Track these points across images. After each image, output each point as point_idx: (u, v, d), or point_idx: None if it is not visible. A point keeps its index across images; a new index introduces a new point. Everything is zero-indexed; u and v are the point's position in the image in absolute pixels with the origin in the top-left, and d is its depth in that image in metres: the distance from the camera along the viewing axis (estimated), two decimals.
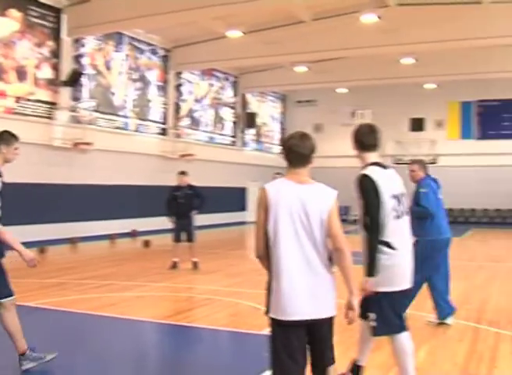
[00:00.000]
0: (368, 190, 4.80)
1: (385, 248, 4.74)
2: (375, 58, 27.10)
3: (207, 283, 11.39)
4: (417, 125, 32.73)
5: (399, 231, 4.78)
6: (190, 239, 13.44)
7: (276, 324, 3.93)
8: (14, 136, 5.71)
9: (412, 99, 34.19)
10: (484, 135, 34.34)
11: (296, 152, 3.99)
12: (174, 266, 13.20)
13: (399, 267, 4.84)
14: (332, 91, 34.72)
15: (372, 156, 4.99)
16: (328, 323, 3.92)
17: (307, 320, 3.84)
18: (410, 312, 7.77)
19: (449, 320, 7.79)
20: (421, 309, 8.78)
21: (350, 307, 3.94)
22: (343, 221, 6.78)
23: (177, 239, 13.43)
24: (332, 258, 3.91)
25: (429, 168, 8.25)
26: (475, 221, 32.21)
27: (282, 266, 3.84)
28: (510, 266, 14.69)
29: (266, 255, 3.95)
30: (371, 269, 4.73)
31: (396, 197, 4.85)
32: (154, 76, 25.51)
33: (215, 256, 15.90)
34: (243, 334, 7.39)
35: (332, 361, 4.00)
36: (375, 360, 5.82)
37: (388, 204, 4.76)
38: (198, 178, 20.98)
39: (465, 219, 33.44)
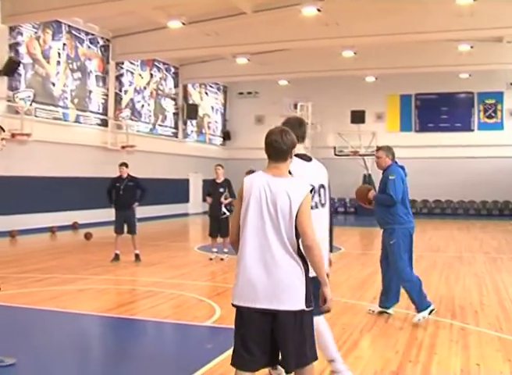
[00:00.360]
0: None
1: None
2: (316, 50, 27.33)
3: (149, 276, 11.35)
4: (358, 117, 33.08)
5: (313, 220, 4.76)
6: (131, 231, 13.34)
7: (236, 310, 4.00)
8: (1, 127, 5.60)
9: (353, 92, 34.59)
10: (423, 128, 35.06)
11: (276, 148, 4.07)
12: (116, 258, 13.09)
13: None
14: (274, 83, 34.84)
15: (298, 148, 4.99)
16: (292, 317, 3.89)
17: (263, 309, 3.87)
18: (351, 302, 7.89)
19: (391, 310, 7.91)
20: (362, 299, 8.96)
21: (324, 297, 4.01)
22: None
23: (119, 231, 13.31)
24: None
25: (369, 159, 8.40)
26: (415, 212, 32.22)
27: (243, 253, 3.96)
28: (449, 255, 15.04)
29: (238, 241, 4.06)
30: None
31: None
32: (94, 66, 25.08)
33: (157, 248, 15.83)
34: (186, 326, 7.40)
35: (301, 361, 3.96)
36: None
37: None
38: (140, 170, 20.79)
39: None
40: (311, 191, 4.08)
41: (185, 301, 8.93)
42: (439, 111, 34.86)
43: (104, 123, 25.59)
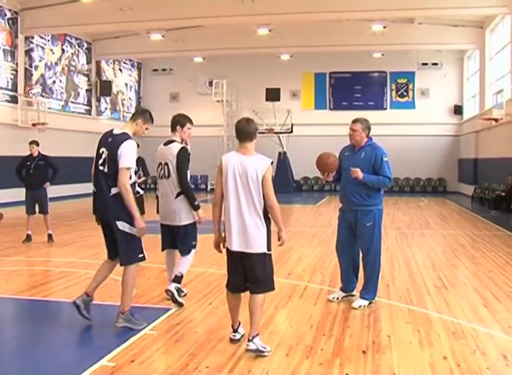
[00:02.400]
0: None
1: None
2: (231, 27, 27.22)
3: (63, 256, 11.14)
4: (273, 95, 33.14)
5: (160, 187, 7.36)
6: (43, 211, 13.02)
7: (226, 251, 5.65)
8: None
9: (268, 69, 34.72)
10: (337, 106, 35.61)
11: (243, 131, 5.57)
12: (28, 239, 12.78)
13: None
14: (189, 60, 34.59)
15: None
16: (255, 257, 5.46)
17: (237, 251, 5.48)
18: None
19: (355, 292, 7.62)
20: (277, 275, 9.04)
21: (279, 237, 5.62)
22: (203, 189, 6.84)
23: (30, 211, 12.98)
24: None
25: (284, 137, 8.31)
26: (329, 189, 33.34)
27: (227, 212, 5.51)
28: None
29: (219, 204, 5.64)
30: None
31: (160, 164, 7.25)
32: (1, 39, 24.18)
33: (70, 228, 15.54)
34: (101, 306, 7.30)
35: (259, 289, 5.54)
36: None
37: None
38: (52, 148, 20.30)
39: (320, 187, 34.73)
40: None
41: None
42: (352, 89, 35.48)
43: (14, 100, 24.76)
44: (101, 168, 6.19)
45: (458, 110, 34.35)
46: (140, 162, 13.34)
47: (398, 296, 7.85)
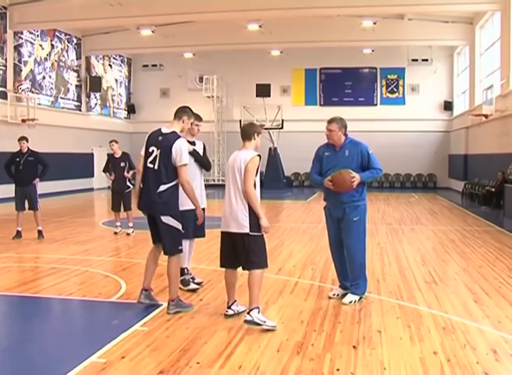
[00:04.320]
0: None
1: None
2: (222, 23, 27.23)
3: (53, 252, 11.10)
4: (264, 91, 33.17)
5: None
6: (33, 207, 12.98)
7: (221, 233, 6.41)
8: None
9: (259, 65, 34.75)
10: (327, 102, 35.63)
11: (244, 132, 6.47)
12: (18, 235, 12.74)
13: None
14: (179, 56, 34.55)
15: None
16: (241, 237, 6.16)
17: (228, 232, 6.26)
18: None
19: None
20: (268, 271, 9.07)
21: (262, 226, 6.20)
22: None
23: (20, 207, 12.94)
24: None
25: (275, 133, 8.32)
26: None
27: (225, 198, 6.38)
28: None
29: None
30: None
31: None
32: None
33: (61, 224, 15.50)
34: (91, 302, 7.30)
35: (248, 266, 6.21)
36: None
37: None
38: (42, 144, 20.26)
39: (311, 183, 34.73)
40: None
41: (90, 277, 8.80)
42: (343, 85, 35.54)
43: (3, 96, 24.63)
44: (150, 166, 6.63)
45: (448, 106, 34.47)
46: (126, 157, 13.41)
47: (388, 291, 7.86)
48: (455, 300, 7.42)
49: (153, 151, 6.61)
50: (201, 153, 7.91)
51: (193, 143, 7.80)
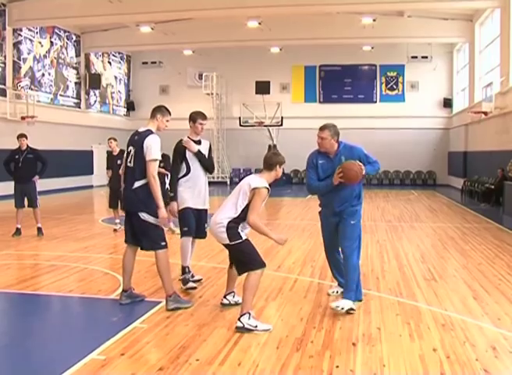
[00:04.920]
0: None
1: None
2: (221, 20, 27.20)
3: (52, 249, 11.11)
4: (263, 88, 33.18)
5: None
6: (32, 205, 12.99)
7: None
8: None
9: (258, 62, 34.74)
10: (327, 99, 35.66)
11: (265, 161, 6.47)
12: (17, 232, 12.75)
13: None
14: (179, 53, 34.52)
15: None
16: (226, 246, 6.19)
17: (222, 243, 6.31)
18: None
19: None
20: (267, 268, 9.08)
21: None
22: None
23: (19, 205, 12.93)
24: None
25: (274, 130, 8.26)
26: None
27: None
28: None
29: None
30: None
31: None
32: None
33: (60, 221, 15.50)
34: (90, 299, 7.31)
35: (239, 271, 6.26)
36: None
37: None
38: (41, 141, 20.23)
39: None
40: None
41: (89, 274, 8.80)
42: (342, 82, 35.55)
43: (3, 93, 24.64)
44: (129, 165, 6.82)
45: (448, 103, 34.49)
46: (123, 154, 13.45)
47: (388, 289, 7.87)
48: (454, 297, 7.42)
49: (130, 150, 6.82)
50: (207, 153, 7.89)
51: (198, 142, 7.81)
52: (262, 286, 7.01)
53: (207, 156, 7.86)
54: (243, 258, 6.18)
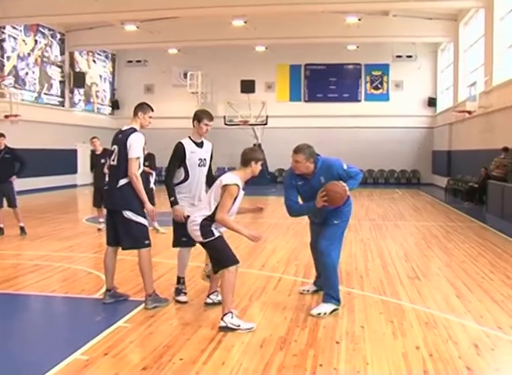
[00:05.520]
0: None
1: None
2: (206, 19, 27.15)
3: (36, 249, 11.05)
4: (248, 87, 33.20)
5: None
6: (11, 205, 12.86)
7: None
8: None
9: (243, 61, 34.73)
10: (312, 98, 35.67)
11: (241, 156, 6.33)
12: (0, 232, 12.67)
13: None
14: (164, 52, 34.41)
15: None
16: (200, 243, 6.30)
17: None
18: (240, 271, 8.00)
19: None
20: (251, 267, 9.10)
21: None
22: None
23: None
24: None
25: (259, 129, 8.17)
26: None
27: None
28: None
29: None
30: None
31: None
32: None
33: (44, 221, 15.42)
34: (74, 299, 7.29)
35: (214, 269, 6.31)
36: None
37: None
38: (25, 140, 20.11)
39: None
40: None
41: (73, 274, 8.78)
42: (327, 81, 35.58)
43: None
44: (112, 163, 6.83)
45: (432, 102, 34.65)
46: (107, 153, 13.40)
47: (372, 287, 7.91)
48: (437, 295, 7.47)
49: (114, 149, 6.83)
50: (209, 156, 7.23)
51: (200, 144, 7.14)
52: (246, 285, 7.02)
53: (209, 160, 7.23)
54: (217, 256, 6.18)
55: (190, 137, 7.11)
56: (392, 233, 13.78)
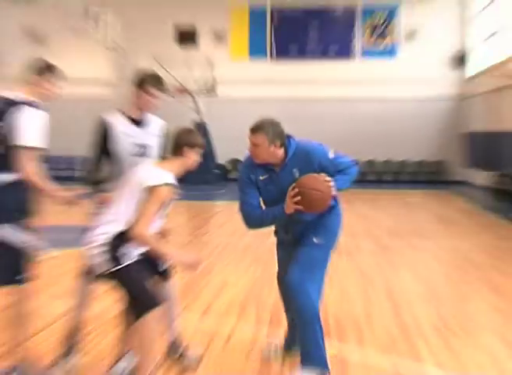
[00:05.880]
0: None
1: None
2: None
3: None
4: (187, 37, 33.35)
5: None
6: None
7: None
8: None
9: (179, 0, 34.49)
10: (282, 54, 35.60)
11: (172, 142, 6.32)
12: None
13: None
14: None
15: None
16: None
17: None
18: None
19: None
20: (189, 310, 8.72)
21: None
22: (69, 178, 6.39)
23: None
24: None
25: (203, 100, 7.77)
26: None
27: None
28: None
29: None
30: None
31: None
32: None
33: None
34: None
35: (140, 310, 5.92)
36: None
37: None
38: None
39: None
40: None
41: None
42: (305, 31, 35.64)
43: None
44: None
45: (461, 60, 34.71)
46: None
47: (377, 345, 7.60)
48: (482, 357, 7.18)
49: None
50: (157, 141, 6.97)
51: (140, 122, 6.89)
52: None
53: (156, 148, 6.94)
54: (132, 293, 5.96)
55: (122, 111, 6.80)
56: (408, 258, 13.66)
